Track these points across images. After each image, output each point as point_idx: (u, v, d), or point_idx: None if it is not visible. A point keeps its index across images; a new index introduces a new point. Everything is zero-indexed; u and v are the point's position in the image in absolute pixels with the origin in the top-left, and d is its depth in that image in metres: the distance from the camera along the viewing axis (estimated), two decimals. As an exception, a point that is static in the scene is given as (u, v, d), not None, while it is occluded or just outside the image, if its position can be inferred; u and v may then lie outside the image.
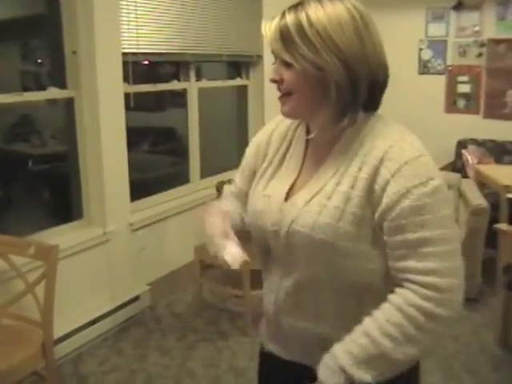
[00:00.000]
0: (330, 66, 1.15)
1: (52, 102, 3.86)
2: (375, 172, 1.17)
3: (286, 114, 1.28)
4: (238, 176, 1.53)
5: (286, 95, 1.24)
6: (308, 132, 1.34)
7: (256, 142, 1.47)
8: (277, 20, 1.20)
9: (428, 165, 1.18)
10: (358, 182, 1.18)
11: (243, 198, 1.48)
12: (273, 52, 1.23)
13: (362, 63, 1.17)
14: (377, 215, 1.17)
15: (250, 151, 1.48)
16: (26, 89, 3.65)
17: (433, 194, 1.14)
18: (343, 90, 1.17)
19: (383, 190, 1.15)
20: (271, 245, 1.33)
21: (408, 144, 1.20)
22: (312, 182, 1.27)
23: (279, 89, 1.25)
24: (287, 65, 1.20)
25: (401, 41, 5.74)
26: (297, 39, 1.16)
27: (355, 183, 1.18)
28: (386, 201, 1.15)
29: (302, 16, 1.17)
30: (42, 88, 3.52)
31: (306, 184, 1.28)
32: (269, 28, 1.21)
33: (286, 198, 1.30)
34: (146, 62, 4.11)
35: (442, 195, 1.17)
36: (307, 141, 1.34)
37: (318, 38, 1.15)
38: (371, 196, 1.17)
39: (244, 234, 1.43)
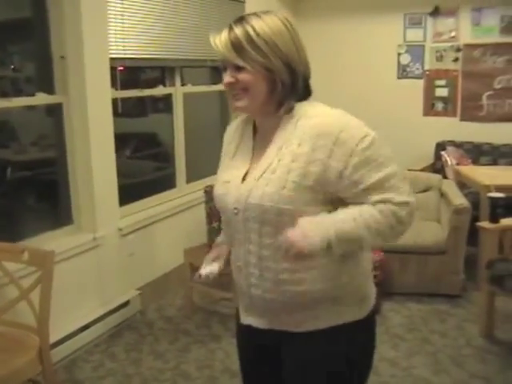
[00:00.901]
0: (277, 67, 1.42)
1: (30, 107, 3.83)
2: (315, 146, 1.40)
3: (240, 108, 1.52)
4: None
5: (242, 91, 1.46)
6: (254, 125, 1.60)
7: (224, 140, 1.74)
8: (226, 33, 1.45)
9: (357, 125, 1.43)
10: (299, 157, 1.42)
11: None
12: (224, 60, 1.48)
13: (298, 63, 1.45)
14: (332, 177, 1.40)
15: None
16: (5, 95, 3.62)
17: (371, 146, 1.40)
18: (286, 85, 1.44)
19: (330, 157, 1.39)
20: (233, 223, 1.55)
21: (332, 116, 1.45)
22: (260, 163, 1.50)
23: (233, 89, 1.47)
24: (239, 69, 1.44)
25: (380, 46, 5.85)
26: (247, 47, 1.41)
27: (296, 157, 1.42)
28: (336, 165, 1.39)
29: (249, 28, 1.42)
30: (23, 94, 3.50)
31: (256, 166, 1.52)
32: (219, 40, 1.46)
33: (243, 181, 1.52)
34: (121, 68, 4.11)
35: (378, 143, 1.42)
36: (254, 133, 1.59)
37: (265, 45, 1.41)
38: (316, 165, 1.40)
39: None
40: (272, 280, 1.50)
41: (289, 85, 1.44)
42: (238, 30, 1.43)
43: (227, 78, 1.47)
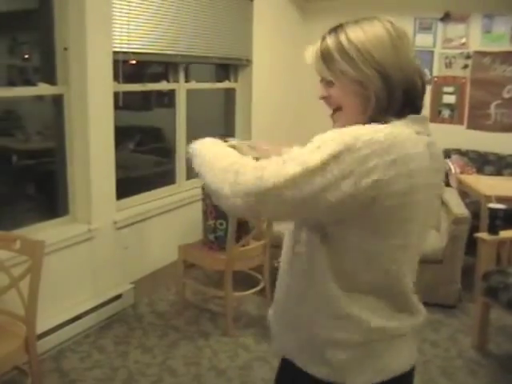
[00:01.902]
0: (370, 78, 1.23)
1: (38, 97, 3.86)
2: None
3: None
4: None
5: (336, 110, 1.32)
6: None
7: None
8: (318, 43, 1.31)
9: (341, 134, 1.16)
10: None
11: None
12: (318, 73, 1.33)
13: (397, 74, 1.24)
14: None
15: None
16: (13, 84, 3.65)
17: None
18: (381, 100, 1.24)
19: None
20: None
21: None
22: None
23: (328, 105, 1.33)
24: (330, 82, 1.30)
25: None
26: (336, 56, 1.26)
27: None
28: None
29: (342, 36, 1.26)
30: (30, 83, 3.52)
31: None
32: (311, 51, 1.32)
33: None
34: (134, 62, 4.13)
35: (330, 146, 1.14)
36: None
37: (356, 52, 1.24)
38: None
39: None
40: None
41: (384, 99, 1.24)
42: (329, 39, 1.28)
43: (319, 91, 1.33)
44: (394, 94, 1.24)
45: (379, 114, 1.24)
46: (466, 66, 5.61)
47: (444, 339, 3.63)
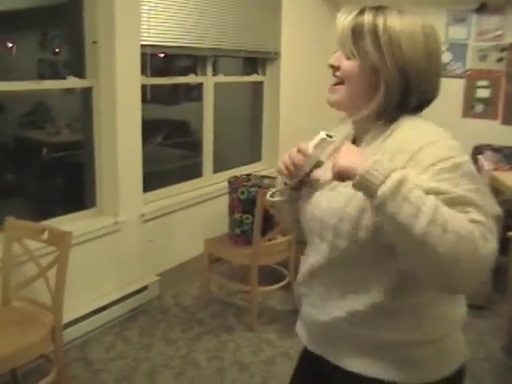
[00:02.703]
0: (388, 71, 1.22)
1: (68, 90, 3.90)
2: (392, 159, 1.17)
3: (333, 103, 1.34)
4: None
5: (337, 84, 1.31)
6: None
7: None
8: (354, 14, 1.27)
9: (447, 146, 1.18)
10: None
11: None
12: (339, 42, 1.30)
13: (421, 79, 1.23)
14: None
15: None
16: (43, 77, 3.70)
17: (453, 170, 1.13)
18: (392, 95, 1.23)
19: None
20: None
21: (427, 134, 1.22)
22: None
23: (333, 74, 1.32)
24: (348, 56, 1.28)
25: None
26: (367, 38, 1.24)
27: None
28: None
29: (380, 20, 1.24)
30: (60, 77, 3.56)
31: None
32: (344, 18, 1.28)
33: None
34: (162, 55, 4.14)
35: (467, 169, 1.15)
36: (354, 139, 1.39)
37: (387, 43, 1.22)
38: None
39: None
40: None
41: (396, 94, 1.23)
42: (367, 17, 1.24)
43: (332, 58, 1.31)
44: (411, 95, 1.24)
45: (387, 107, 1.25)
46: (501, 59, 5.47)
47: (472, 341, 3.56)
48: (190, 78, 4.41)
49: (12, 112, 5.24)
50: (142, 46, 3.57)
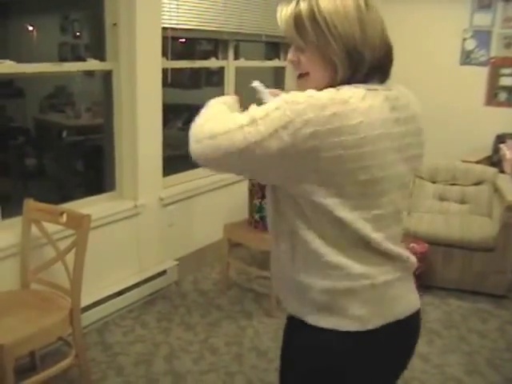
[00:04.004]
0: (335, 51, 1.25)
1: (88, 74, 3.89)
2: None
3: None
4: None
5: (303, 75, 1.34)
6: None
7: None
8: (292, 6, 1.30)
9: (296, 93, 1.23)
10: None
11: None
12: (286, 36, 1.33)
13: (363, 47, 1.26)
14: None
15: None
16: (64, 60, 3.69)
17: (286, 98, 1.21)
18: (346, 69, 1.27)
19: None
20: None
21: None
22: None
23: (296, 69, 1.36)
24: (301, 49, 1.31)
25: (444, 30, 5.62)
26: (307, 25, 1.27)
27: None
28: None
29: (313, 3, 1.26)
30: (80, 60, 3.54)
31: None
32: (284, 13, 1.31)
33: None
34: (183, 40, 4.10)
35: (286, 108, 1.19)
36: None
37: (324, 24, 1.25)
38: None
39: None
40: None
41: (350, 69, 1.27)
42: (303, 5, 1.27)
43: (290, 55, 1.35)
44: (361, 65, 1.27)
45: (344, 81, 1.28)
46: (526, 48, 5.37)
47: (492, 330, 3.52)
48: (211, 62, 4.37)
49: (32, 95, 5.27)
50: (163, 28, 3.54)
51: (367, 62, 1.28)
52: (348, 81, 1.28)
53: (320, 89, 1.27)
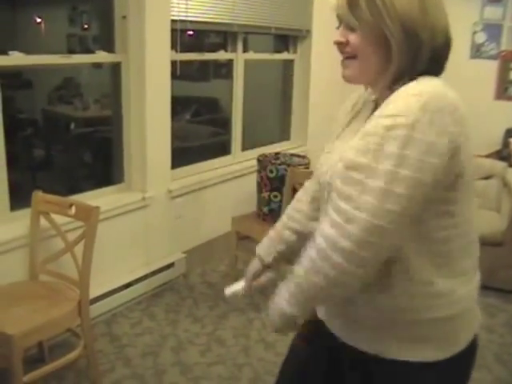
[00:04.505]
0: (392, 31, 1.16)
1: (97, 66, 3.88)
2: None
3: (348, 78, 1.28)
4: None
5: (349, 58, 1.25)
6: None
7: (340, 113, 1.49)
8: None
9: (412, 104, 1.10)
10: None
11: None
12: (338, 16, 1.26)
13: (422, 29, 1.17)
14: None
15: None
16: (73, 52, 3.69)
17: (389, 129, 1.09)
18: (404, 55, 1.17)
19: None
20: (323, 204, 1.34)
21: (413, 89, 1.14)
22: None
23: (342, 52, 1.26)
24: (352, 29, 1.22)
25: (454, 23, 5.52)
26: (362, 3, 1.17)
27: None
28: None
29: None
30: (88, 52, 3.54)
31: None
32: None
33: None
34: (191, 33, 4.09)
35: (401, 133, 1.08)
36: (375, 106, 1.32)
37: (381, 2, 1.16)
38: None
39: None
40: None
41: (407, 54, 1.17)
42: None
43: (338, 35, 1.25)
44: (420, 51, 1.18)
45: (404, 71, 1.19)
46: (537, 41, 5.34)
47: (500, 325, 3.51)
48: (220, 55, 4.36)
49: (41, 87, 5.27)
50: (172, 21, 3.53)
51: (427, 49, 1.18)
52: (405, 72, 1.18)
53: (368, 75, 1.23)
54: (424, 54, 1.18)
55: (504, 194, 4.25)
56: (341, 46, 1.25)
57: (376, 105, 1.31)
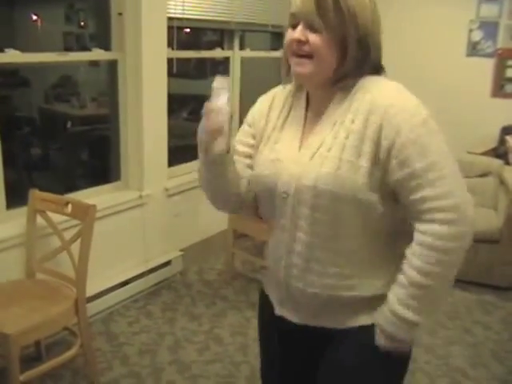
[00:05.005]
0: (353, 38, 1.26)
1: (94, 64, 3.88)
2: (367, 123, 1.26)
3: (302, 75, 1.33)
4: (237, 143, 1.54)
5: (304, 57, 1.29)
6: (308, 96, 1.42)
7: (256, 111, 1.53)
8: None
9: (412, 99, 1.28)
10: (352, 134, 1.26)
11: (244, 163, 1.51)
12: (296, 14, 1.28)
13: (372, 38, 1.29)
14: (382, 157, 1.25)
15: (250, 120, 1.54)
16: (69, 50, 3.69)
17: (424, 125, 1.24)
18: (355, 60, 1.28)
19: (379, 134, 1.24)
20: (279, 208, 1.37)
21: (386, 90, 1.30)
22: (312, 139, 1.34)
23: (298, 50, 1.29)
24: (314, 30, 1.26)
25: (450, 20, 5.57)
26: (330, 6, 1.24)
27: (349, 135, 1.27)
28: (385, 142, 1.24)
29: None
30: (85, 50, 3.53)
31: (305, 143, 1.36)
32: None
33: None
34: (188, 30, 4.09)
35: (432, 125, 1.26)
36: (307, 106, 1.42)
37: (347, 10, 1.24)
38: (368, 144, 1.25)
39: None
40: (318, 272, 1.35)
41: (359, 60, 1.28)
42: None
43: (297, 33, 1.27)
44: (369, 57, 1.30)
45: (351, 73, 1.30)
46: (533, 39, 5.33)
47: (496, 322, 3.52)
48: (217, 52, 4.36)
49: (37, 85, 5.26)
50: (169, 18, 3.52)
51: (373, 54, 1.30)
52: (351, 73, 1.29)
53: (321, 75, 1.30)
54: (370, 60, 1.31)
55: (500, 191, 4.26)
56: (299, 44, 1.28)
57: (307, 101, 1.42)
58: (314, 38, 1.26)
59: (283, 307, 1.49)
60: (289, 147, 1.38)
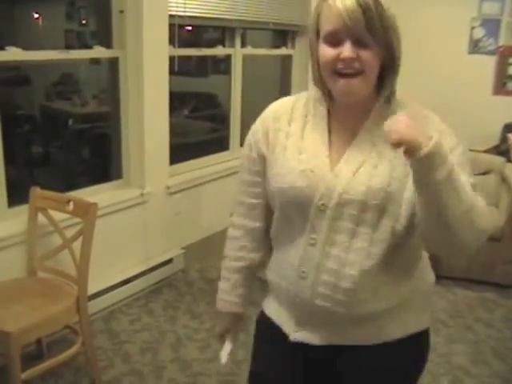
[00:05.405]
0: (397, 51, 1.24)
1: (95, 61, 3.87)
2: None
3: (353, 92, 1.26)
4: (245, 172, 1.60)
5: (356, 75, 1.23)
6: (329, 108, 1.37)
7: (261, 126, 1.48)
8: (367, 1, 1.18)
9: (451, 131, 1.31)
10: (400, 156, 1.17)
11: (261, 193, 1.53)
12: (348, 30, 1.19)
13: (398, 48, 1.26)
14: None
15: (255, 137, 1.48)
16: (71, 48, 3.68)
17: (464, 153, 1.31)
18: (391, 74, 1.28)
19: None
20: (312, 222, 1.32)
21: (433, 117, 1.32)
22: (350, 154, 1.30)
23: (349, 67, 1.22)
24: (364, 45, 1.20)
25: (452, 18, 5.56)
26: (377, 19, 1.18)
27: (397, 155, 1.20)
28: None
29: (380, 5, 1.19)
30: (86, 48, 3.53)
31: (343, 156, 1.31)
32: (350, 3, 1.17)
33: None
34: (189, 28, 4.08)
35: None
36: (329, 116, 1.36)
37: (389, 21, 1.21)
38: None
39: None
40: (348, 290, 1.30)
41: (392, 73, 1.27)
42: (373, 2, 1.17)
43: (348, 51, 1.20)
44: (397, 71, 1.29)
45: (386, 86, 1.29)
46: (535, 36, 5.32)
47: (498, 320, 3.52)
48: (218, 50, 4.35)
49: (38, 83, 5.26)
50: (170, 16, 3.52)
51: (397, 67, 1.29)
52: (390, 85, 1.30)
53: (367, 91, 1.27)
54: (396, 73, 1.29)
55: (502, 189, 4.24)
56: (350, 61, 1.21)
57: (328, 117, 1.36)
58: (365, 54, 1.20)
59: (302, 329, 1.44)
60: (317, 157, 1.32)
